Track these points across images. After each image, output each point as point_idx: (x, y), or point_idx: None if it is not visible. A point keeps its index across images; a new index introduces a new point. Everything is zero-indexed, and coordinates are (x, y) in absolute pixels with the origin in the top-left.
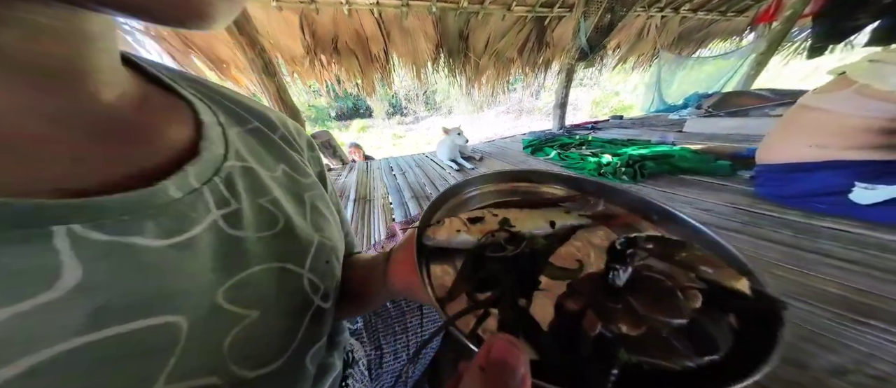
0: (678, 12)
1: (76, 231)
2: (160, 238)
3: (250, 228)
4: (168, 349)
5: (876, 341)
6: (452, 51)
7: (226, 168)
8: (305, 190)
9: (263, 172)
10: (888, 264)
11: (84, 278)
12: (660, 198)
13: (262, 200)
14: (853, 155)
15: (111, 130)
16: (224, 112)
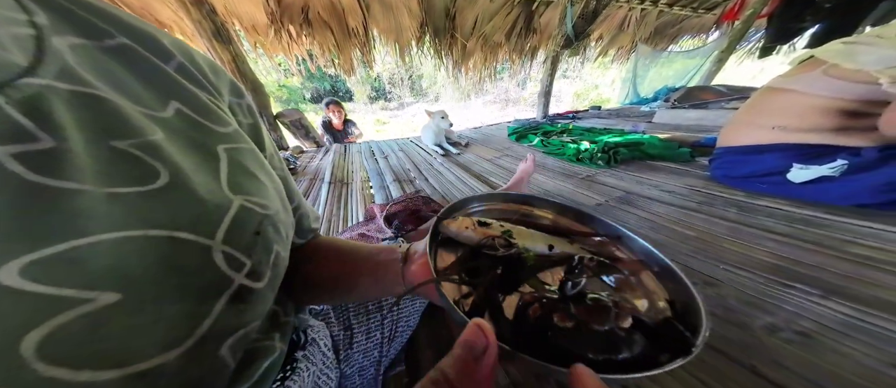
0: (656, 6)
1: None
2: None
3: (88, 179)
4: None
5: (800, 301)
6: (438, 30)
7: (28, 86)
8: (218, 141)
9: (129, 105)
10: (811, 236)
11: None
12: (631, 181)
13: (120, 142)
14: (806, 138)
15: None
16: (55, 13)
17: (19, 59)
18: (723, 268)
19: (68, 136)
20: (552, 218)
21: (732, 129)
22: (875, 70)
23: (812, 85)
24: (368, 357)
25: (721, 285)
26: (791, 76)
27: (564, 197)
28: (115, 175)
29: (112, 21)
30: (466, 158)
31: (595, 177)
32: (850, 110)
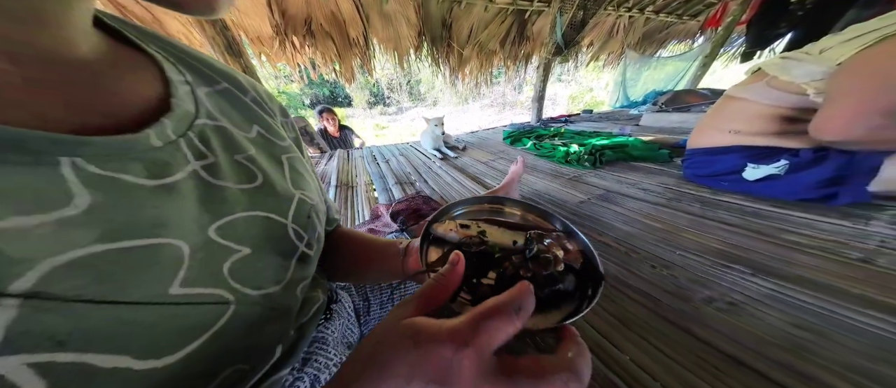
0: (643, 13)
1: (78, 163)
2: (147, 179)
3: (230, 180)
4: (176, 264)
5: (735, 279)
6: (435, 39)
7: (198, 125)
8: (282, 152)
9: (237, 131)
10: (756, 226)
11: (92, 202)
12: (612, 181)
13: (239, 156)
14: (756, 140)
15: (88, 82)
16: (192, 72)
17: (191, 108)
18: (679, 254)
19: (218, 154)
20: (520, 214)
21: (698, 132)
22: (803, 82)
23: (758, 94)
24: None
25: (674, 268)
26: (743, 85)
27: (552, 196)
28: (240, 177)
29: (217, 71)
30: (463, 161)
31: (581, 177)
32: (789, 116)
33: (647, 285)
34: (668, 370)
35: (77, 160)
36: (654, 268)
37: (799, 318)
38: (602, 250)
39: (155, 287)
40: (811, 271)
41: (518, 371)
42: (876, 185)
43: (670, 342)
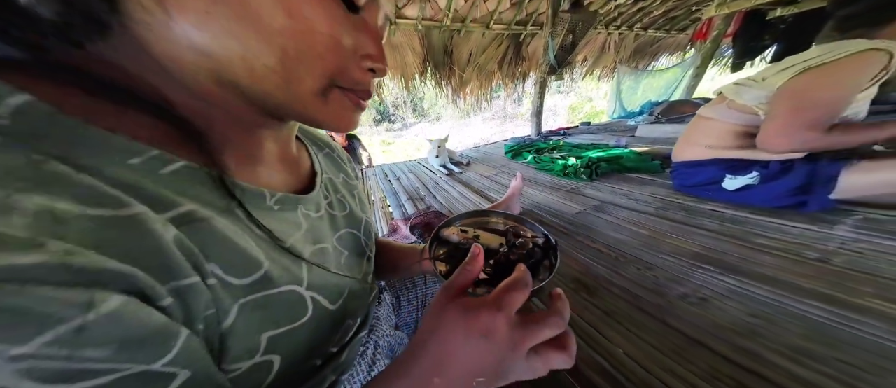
0: (632, 30)
1: (301, 208)
2: (316, 213)
3: (336, 210)
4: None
5: (706, 277)
6: (438, 64)
7: (324, 179)
8: (354, 189)
9: (334, 178)
10: (731, 231)
11: (307, 227)
12: (607, 192)
13: (338, 195)
14: (727, 153)
15: (297, 164)
16: (314, 145)
17: (319, 169)
18: (660, 257)
19: (331, 194)
20: (502, 221)
21: (680, 147)
22: (753, 105)
23: (722, 114)
24: (410, 317)
25: (656, 269)
26: (711, 106)
27: (551, 208)
28: (339, 208)
29: (321, 141)
30: (468, 176)
31: (578, 189)
32: (752, 133)
33: (631, 284)
34: (646, 354)
35: (300, 207)
36: (638, 270)
37: (755, 308)
38: (593, 256)
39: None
40: (772, 269)
41: (531, 321)
42: (837, 193)
43: (648, 330)
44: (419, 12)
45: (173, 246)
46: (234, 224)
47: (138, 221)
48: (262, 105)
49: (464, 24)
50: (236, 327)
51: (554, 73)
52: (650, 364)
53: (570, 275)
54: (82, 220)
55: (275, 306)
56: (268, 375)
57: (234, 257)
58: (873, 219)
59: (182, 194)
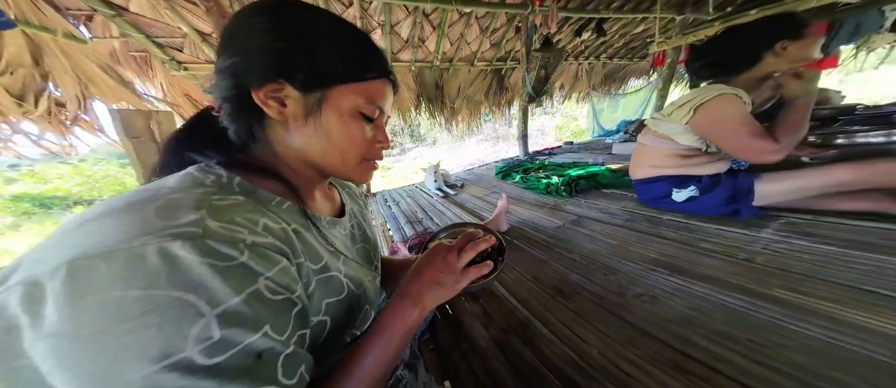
0: (599, 60)
1: (336, 229)
2: (344, 231)
3: (356, 230)
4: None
5: (658, 278)
6: (431, 97)
7: (349, 210)
8: (365, 215)
9: (354, 208)
10: (683, 238)
11: (340, 242)
12: (585, 207)
13: (356, 220)
14: (668, 171)
15: (332, 198)
16: (341, 188)
17: (345, 203)
18: (624, 263)
19: (357, 226)
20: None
21: (632, 167)
22: (668, 134)
23: (652, 141)
24: None
25: (619, 273)
26: (644, 134)
27: (535, 223)
28: (359, 229)
29: (345, 184)
30: (462, 197)
31: (560, 205)
32: (681, 154)
33: (598, 288)
34: (606, 344)
35: (336, 228)
36: (605, 275)
37: (693, 302)
38: (569, 265)
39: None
40: (710, 269)
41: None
42: (758, 201)
43: (608, 325)
44: (412, 56)
45: (296, 244)
46: (310, 234)
47: (284, 232)
48: (324, 173)
49: (451, 63)
50: (313, 292)
51: (533, 101)
52: (609, 353)
53: (549, 283)
54: (271, 227)
55: (328, 284)
56: (323, 332)
57: (312, 252)
58: (793, 222)
59: (291, 219)
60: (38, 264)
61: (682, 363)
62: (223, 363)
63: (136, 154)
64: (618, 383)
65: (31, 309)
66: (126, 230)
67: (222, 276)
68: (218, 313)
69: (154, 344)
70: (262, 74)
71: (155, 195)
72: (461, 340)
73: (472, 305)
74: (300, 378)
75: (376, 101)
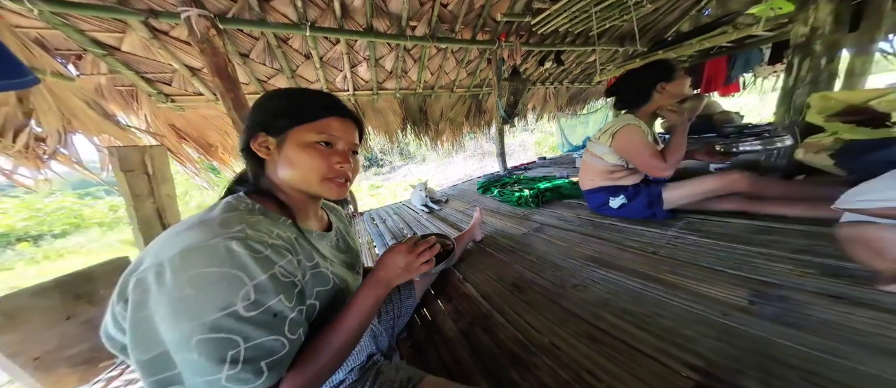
0: (563, 84)
1: (325, 242)
2: (331, 243)
3: (342, 243)
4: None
5: (591, 272)
6: (416, 121)
7: (336, 227)
8: (350, 231)
9: (340, 226)
10: (615, 238)
11: (327, 251)
12: (548, 216)
13: (340, 235)
14: (604, 183)
15: (320, 216)
16: (330, 210)
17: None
18: (569, 261)
19: (342, 240)
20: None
21: (580, 179)
22: (599, 154)
23: (589, 159)
24: (387, 323)
25: (563, 270)
26: (585, 153)
27: (506, 232)
28: (344, 243)
29: (332, 207)
30: (446, 212)
31: (528, 215)
32: (611, 169)
33: (545, 282)
34: (544, 326)
35: (324, 240)
36: (553, 271)
37: (610, 288)
38: (527, 265)
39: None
40: (627, 261)
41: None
42: (666, 205)
43: (548, 310)
44: (396, 84)
45: (296, 246)
46: (303, 241)
47: (289, 238)
48: (306, 194)
49: (433, 90)
50: (308, 280)
51: (507, 122)
52: (545, 331)
53: (509, 280)
54: (281, 235)
55: (319, 276)
56: (314, 312)
57: (306, 253)
58: (691, 221)
59: (291, 230)
60: (159, 255)
61: (595, 335)
62: (256, 316)
63: (128, 187)
64: (549, 354)
65: (159, 278)
66: (205, 235)
67: (256, 262)
68: (254, 284)
69: (220, 299)
70: (253, 131)
71: (214, 216)
72: (434, 334)
73: (447, 305)
74: (299, 336)
75: (327, 131)
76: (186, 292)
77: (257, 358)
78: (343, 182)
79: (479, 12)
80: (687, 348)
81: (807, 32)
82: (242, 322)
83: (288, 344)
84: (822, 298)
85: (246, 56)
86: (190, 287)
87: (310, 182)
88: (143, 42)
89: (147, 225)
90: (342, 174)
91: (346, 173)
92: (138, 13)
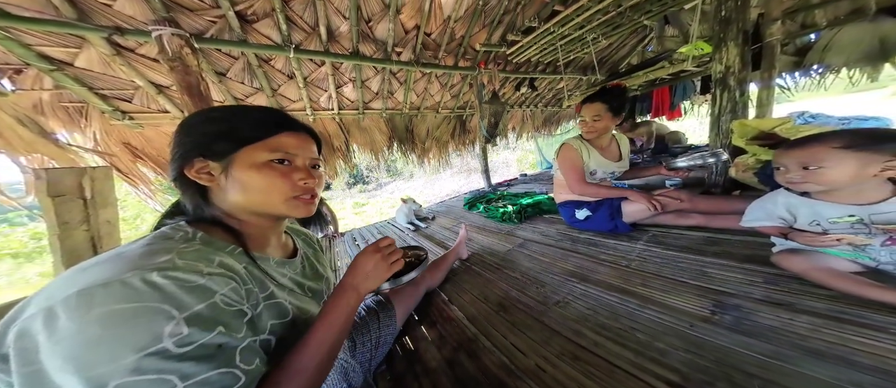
0: (538, 107)
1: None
2: (295, 270)
3: (308, 269)
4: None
5: (571, 287)
6: (402, 140)
7: (302, 253)
8: (319, 258)
9: (307, 252)
10: (590, 251)
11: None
12: (530, 231)
13: (309, 262)
14: (570, 197)
15: (285, 243)
16: (297, 235)
17: (298, 248)
18: (550, 276)
19: (307, 262)
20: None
21: (554, 194)
22: (554, 169)
23: (556, 174)
24: (364, 357)
25: (546, 286)
26: (553, 169)
27: (491, 248)
28: (311, 270)
29: (301, 232)
30: (432, 229)
31: (512, 231)
32: (567, 184)
33: (529, 299)
34: (527, 345)
35: (285, 267)
36: (536, 288)
37: (588, 303)
38: (511, 283)
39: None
40: (603, 275)
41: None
42: (626, 218)
43: (532, 329)
44: (383, 104)
45: (244, 275)
46: (255, 270)
47: (234, 267)
48: (265, 216)
49: (419, 110)
50: (261, 312)
51: (489, 141)
52: (530, 353)
53: (494, 300)
54: (225, 263)
55: (275, 308)
56: (269, 347)
57: (260, 282)
58: (655, 234)
59: (242, 260)
60: (50, 298)
61: (577, 353)
62: (191, 351)
63: (54, 214)
64: (534, 377)
65: (49, 326)
66: (118, 269)
67: (188, 292)
68: (185, 316)
69: (139, 338)
70: (187, 157)
71: (135, 248)
72: (415, 364)
73: (430, 330)
74: (256, 366)
75: (281, 149)
76: (91, 332)
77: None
78: (309, 198)
79: (459, 41)
80: (662, 362)
81: (722, 70)
82: (175, 360)
83: (243, 376)
84: (766, 305)
85: (223, 75)
86: (95, 326)
87: (273, 204)
88: (102, 58)
89: (74, 256)
90: (308, 190)
91: (312, 189)
92: (101, 29)
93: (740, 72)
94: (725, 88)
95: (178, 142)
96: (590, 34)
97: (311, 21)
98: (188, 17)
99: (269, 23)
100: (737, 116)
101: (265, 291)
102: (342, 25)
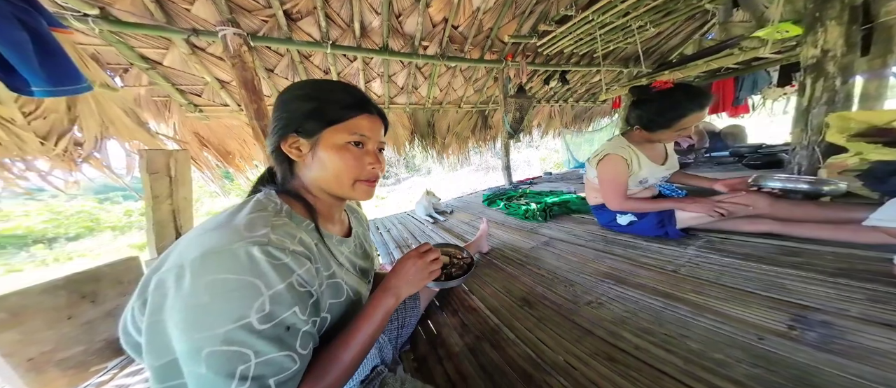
0: (568, 103)
1: (345, 246)
2: (350, 249)
3: (359, 249)
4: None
5: (606, 287)
6: (424, 135)
7: (356, 232)
8: (368, 237)
9: (359, 231)
10: (628, 254)
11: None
12: (556, 230)
13: (360, 241)
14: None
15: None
16: (352, 213)
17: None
18: (581, 276)
19: (360, 246)
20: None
21: (586, 196)
22: (591, 178)
23: (588, 180)
24: (391, 334)
25: (576, 285)
26: (586, 171)
27: (514, 245)
28: (362, 248)
29: (355, 210)
30: (451, 223)
31: (536, 229)
32: None
33: (558, 298)
34: (557, 343)
35: (343, 245)
36: (565, 287)
37: (627, 306)
38: (537, 279)
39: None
40: (645, 279)
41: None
42: (679, 224)
43: (562, 327)
44: (407, 99)
45: (316, 253)
46: (323, 247)
47: (310, 245)
48: (334, 196)
49: (441, 105)
50: (323, 291)
51: (512, 137)
52: (559, 349)
53: (518, 294)
54: (303, 240)
55: (334, 288)
56: (325, 325)
57: (324, 261)
58: (711, 240)
59: (313, 236)
60: (182, 256)
61: (614, 355)
62: (268, 330)
63: (151, 188)
64: (564, 373)
65: (177, 283)
66: (229, 237)
67: (275, 270)
68: (270, 294)
69: (235, 309)
70: (284, 132)
71: (242, 215)
72: (438, 347)
73: (452, 318)
74: (309, 351)
75: (358, 131)
76: (202, 299)
77: (266, 375)
78: (373, 183)
79: (487, 34)
80: (718, 373)
81: (817, 54)
82: (255, 336)
83: (298, 361)
84: (870, 324)
85: (271, 71)
86: (206, 294)
87: (342, 185)
88: (182, 57)
89: (162, 227)
90: (374, 176)
91: (377, 175)
92: (183, 31)
93: (844, 56)
94: (821, 75)
95: (277, 116)
96: (636, 22)
97: (347, 17)
98: (246, 18)
99: (311, 21)
100: (834, 109)
101: (328, 270)
102: (374, 20)
